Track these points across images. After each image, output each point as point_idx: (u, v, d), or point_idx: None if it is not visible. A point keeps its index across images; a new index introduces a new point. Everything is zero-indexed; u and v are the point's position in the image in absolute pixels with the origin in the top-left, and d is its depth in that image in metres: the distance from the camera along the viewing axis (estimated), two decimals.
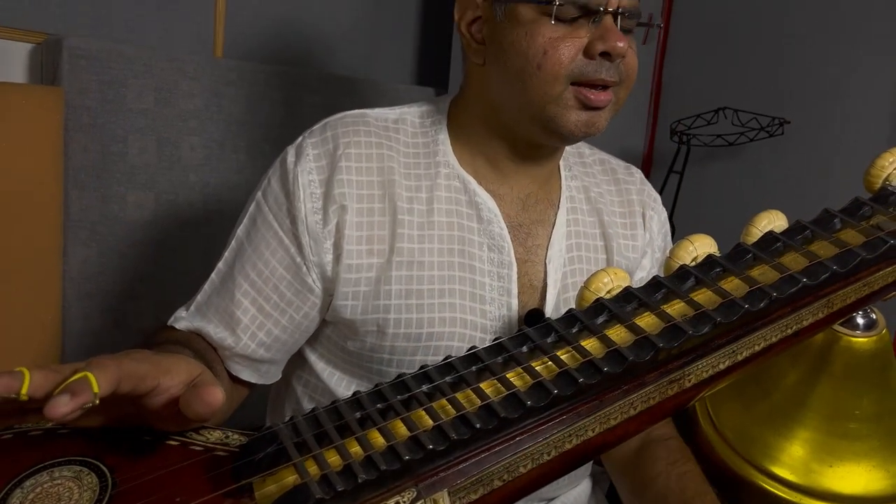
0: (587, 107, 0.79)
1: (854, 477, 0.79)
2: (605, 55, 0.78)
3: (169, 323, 0.85)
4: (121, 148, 1.27)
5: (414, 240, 0.83)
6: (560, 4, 0.77)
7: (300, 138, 0.85)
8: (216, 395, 0.47)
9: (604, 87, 0.79)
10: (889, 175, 0.68)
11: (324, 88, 1.53)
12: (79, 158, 1.23)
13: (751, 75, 2.06)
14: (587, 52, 0.78)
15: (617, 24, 0.78)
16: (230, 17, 1.52)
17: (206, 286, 0.85)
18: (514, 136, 0.86)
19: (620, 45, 0.77)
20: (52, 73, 1.22)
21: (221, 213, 1.41)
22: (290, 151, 0.84)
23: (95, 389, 0.42)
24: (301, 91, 1.50)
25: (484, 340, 0.83)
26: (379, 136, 0.85)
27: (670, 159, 2.10)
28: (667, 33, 2.28)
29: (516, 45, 0.79)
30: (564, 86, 0.78)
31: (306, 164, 0.82)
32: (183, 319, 0.84)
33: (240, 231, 0.85)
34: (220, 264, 0.85)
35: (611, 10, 0.78)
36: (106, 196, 1.27)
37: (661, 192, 2.08)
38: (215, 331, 0.83)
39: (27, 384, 0.42)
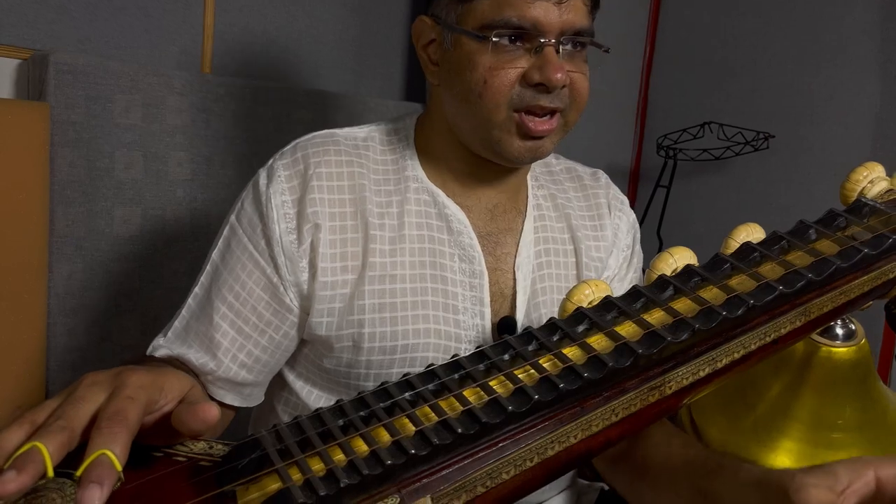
0: (529, 136, 0.80)
1: None
2: (542, 86, 0.78)
3: (147, 353, 0.84)
4: (107, 163, 1.27)
5: (385, 254, 0.83)
6: (496, 40, 0.77)
7: (271, 160, 0.86)
8: (212, 412, 0.47)
9: (551, 112, 0.80)
10: (863, 188, 0.69)
11: (312, 104, 1.54)
12: (65, 174, 1.23)
13: (736, 90, 2.09)
14: (526, 80, 0.78)
15: (559, 53, 0.78)
16: (218, 34, 1.53)
17: (184, 311, 0.85)
18: (473, 153, 0.87)
19: (558, 76, 0.77)
20: (39, 89, 1.23)
21: (209, 228, 1.41)
22: (262, 174, 0.85)
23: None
24: (289, 107, 1.51)
25: (459, 350, 0.84)
26: (349, 154, 0.86)
27: (657, 174, 2.12)
28: (653, 49, 2.31)
29: (461, 72, 0.81)
30: (507, 112, 0.79)
31: (278, 186, 0.83)
32: (162, 347, 0.84)
33: (214, 255, 0.86)
34: (196, 289, 0.86)
35: (553, 40, 0.78)
36: (92, 211, 1.27)
37: (648, 206, 2.12)
38: (196, 356, 0.82)
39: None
